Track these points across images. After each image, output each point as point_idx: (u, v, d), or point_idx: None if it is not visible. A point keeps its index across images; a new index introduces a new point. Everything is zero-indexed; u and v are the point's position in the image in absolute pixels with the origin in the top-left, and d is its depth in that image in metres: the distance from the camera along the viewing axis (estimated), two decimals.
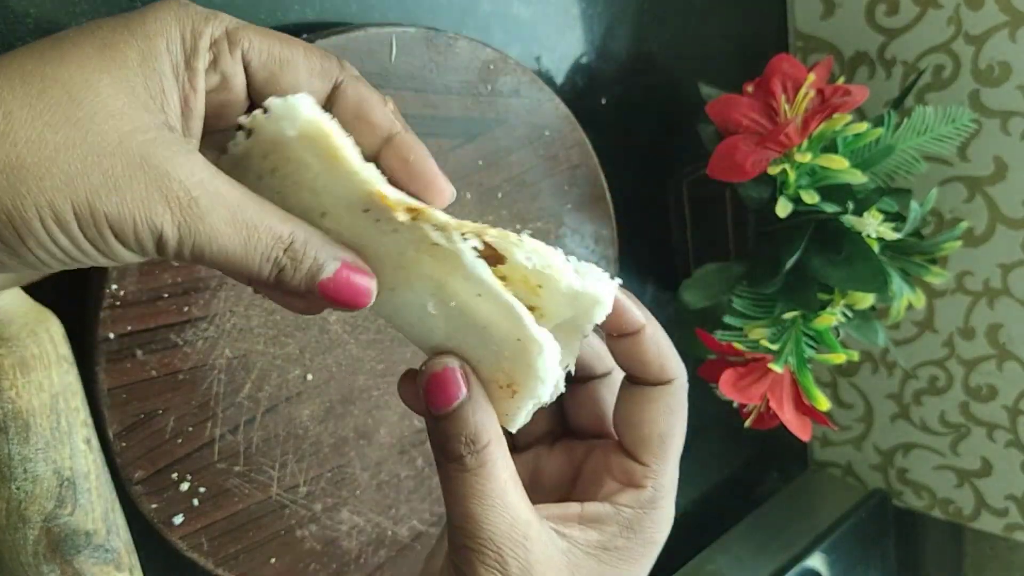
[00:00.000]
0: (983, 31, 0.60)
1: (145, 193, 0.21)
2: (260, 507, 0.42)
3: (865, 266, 0.51)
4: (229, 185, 0.22)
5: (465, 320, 0.24)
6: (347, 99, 0.26)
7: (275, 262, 0.23)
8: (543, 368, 0.24)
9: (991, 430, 0.70)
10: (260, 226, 0.22)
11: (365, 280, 0.24)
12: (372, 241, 0.25)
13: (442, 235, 0.24)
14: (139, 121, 0.21)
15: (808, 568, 0.70)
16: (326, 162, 0.24)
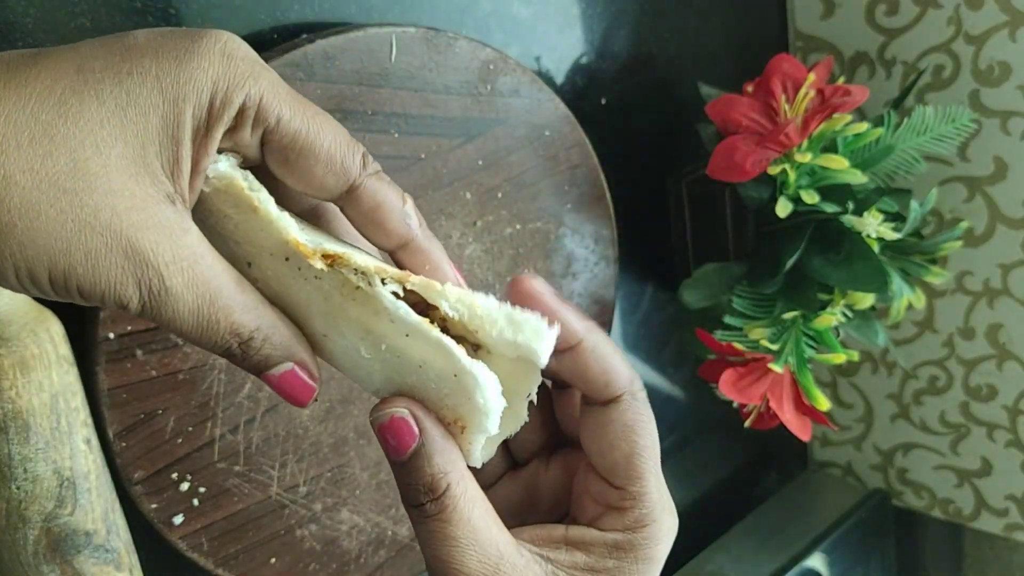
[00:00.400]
0: (983, 31, 0.60)
1: (120, 276, 0.21)
2: (260, 507, 0.42)
3: (865, 266, 0.51)
4: (211, 270, 0.23)
5: (400, 361, 0.24)
6: (362, 203, 0.25)
7: (227, 350, 0.24)
8: (483, 401, 0.24)
9: (991, 430, 0.70)
10: (223, 321, 0.23)
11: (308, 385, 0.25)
12: (297, 288, 0.25)
13: (362, 279, 0.24)
14: (138, 198, 0.21)
15: (808, 568, 0.70)
16: (243, 212, 0.24)
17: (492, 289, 0.50)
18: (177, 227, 0.22)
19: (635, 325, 0.64)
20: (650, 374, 0.67)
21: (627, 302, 0.63)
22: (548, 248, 0.52)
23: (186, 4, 0.38)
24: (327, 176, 0.24)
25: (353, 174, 0.25)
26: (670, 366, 0.68)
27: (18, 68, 0.21)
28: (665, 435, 0.70)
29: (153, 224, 0.21)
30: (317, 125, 0.24)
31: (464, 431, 0.25)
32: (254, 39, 0.40)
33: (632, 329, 0.64)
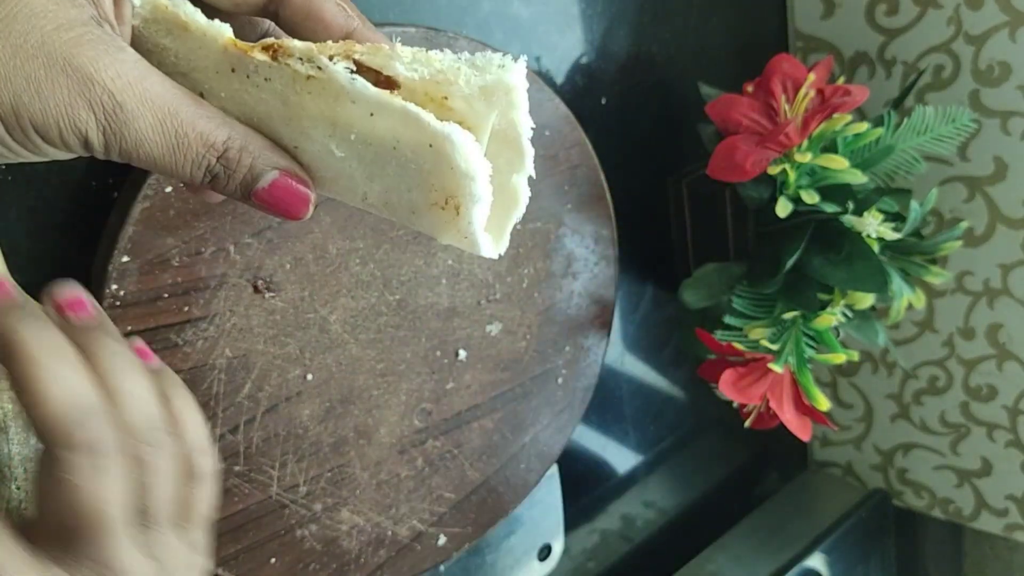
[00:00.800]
0: (983, 31, 0.60)
1: (68, 98, 0.20)
2: (260, 507, 0.42)
3: (865, 266, 0.51)
4: (162, 86, 0.21)
5: (373, 149, 0.23)
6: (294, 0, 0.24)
7: (207, 169, 0.22)
8: (464, 162, 0.22)
9: (991, 430, 0.70)
10: (191, 133, 0.22)
11: (302, 191, 0.23)
12: (254, 102, 0.23)
13: (310, 66, 0.22)
14: (64, 18, 0.21)
15: (808, 568, 0.70)
16: (177, 38, 0.23)
17: (492, 289, 0.50)
18: (111, 44, 0.21)
19: (635, 325, 0.64)
20: (650, 374, 0.67)
21: (627, 302, 0.63)
22: (548, 248, 0.52)
23: None
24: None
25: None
26: (670, 366, 0.68)
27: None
28: (665, 435, 0.70)
29: (85, 42, 0.21)
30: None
31: (459, 210, 0.23)
32: None
33: (632, 329, 0.64)
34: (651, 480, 0.70)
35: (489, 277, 0.49)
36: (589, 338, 0.56)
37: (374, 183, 0.23)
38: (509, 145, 0.24)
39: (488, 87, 0.22)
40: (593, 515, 0.66)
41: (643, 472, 0.69)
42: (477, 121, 0.23)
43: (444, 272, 0.47)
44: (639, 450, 0.68)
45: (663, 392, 0.69)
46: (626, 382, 0.65)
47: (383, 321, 0.45)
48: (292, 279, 0.42)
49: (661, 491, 0.71)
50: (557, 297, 0.53)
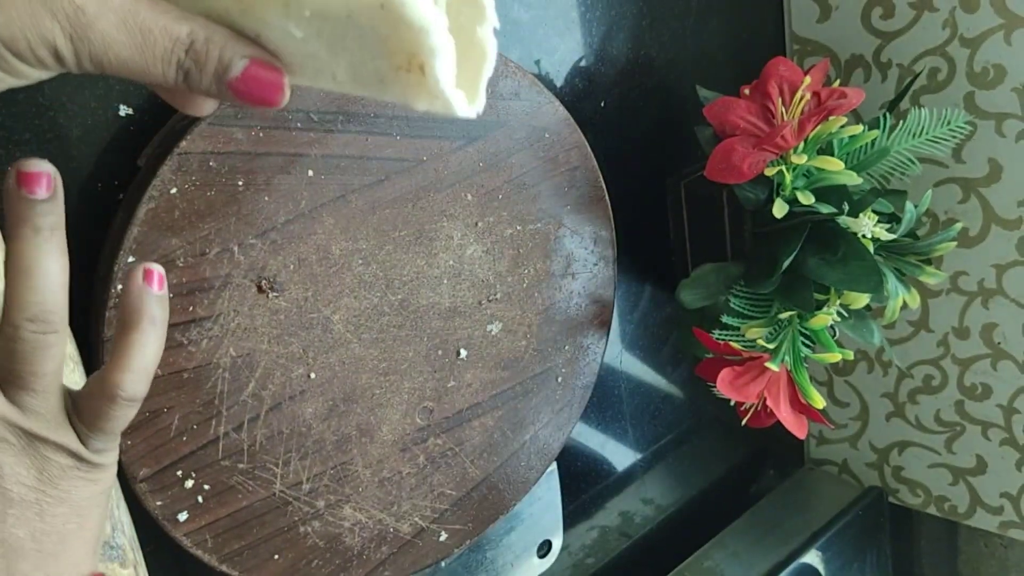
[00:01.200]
0: (978, 34, 0.60)
1: (29, 8, 0.20)
2: (263, 504, 0.43)
3: (860, 266, 0.52)
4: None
5: (331, 24, 0.22)
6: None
7: (178, 65, 0.22)
8: (415, 15, 0.21)
9: (986, 428, 0.71)
10: (155, 28, 0.22)
11: (275, 75, 0.23)
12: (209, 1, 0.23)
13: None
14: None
15: (804, 565, 0.71)
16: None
17: (493, 289, 0.50)
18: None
19: (634, 324, 0.65)
20: (649, 373, 0.67)
21: (626, 302, 0.64)
22: (548, 249, 0.53)
23: None
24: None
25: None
26: (668, 365, 0.69)
27: None
28: (663, 433, 0.70)
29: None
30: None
31: (424, 69, 0.22)
32: None
33: (631, 328, 0.65)
34: (649, 477, 0.70)
35: (490, 277, 0.50)
36: (588, 337, 0.56)
37: (339, 59, 0.23)
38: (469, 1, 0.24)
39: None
40: (592, 512, 0.66)
41: (641, 469, 0.69)
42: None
43: (445, 272, 0.48)
44: (638, 448, 0.68)
45: (661, 391, 0.69)
46: (625, 381, 0.65)
47: (385, 321, 0.46)
48: (296, 279, 0.42)
49: (659, 488, 0.72)
50: (557, 297, 0.54)
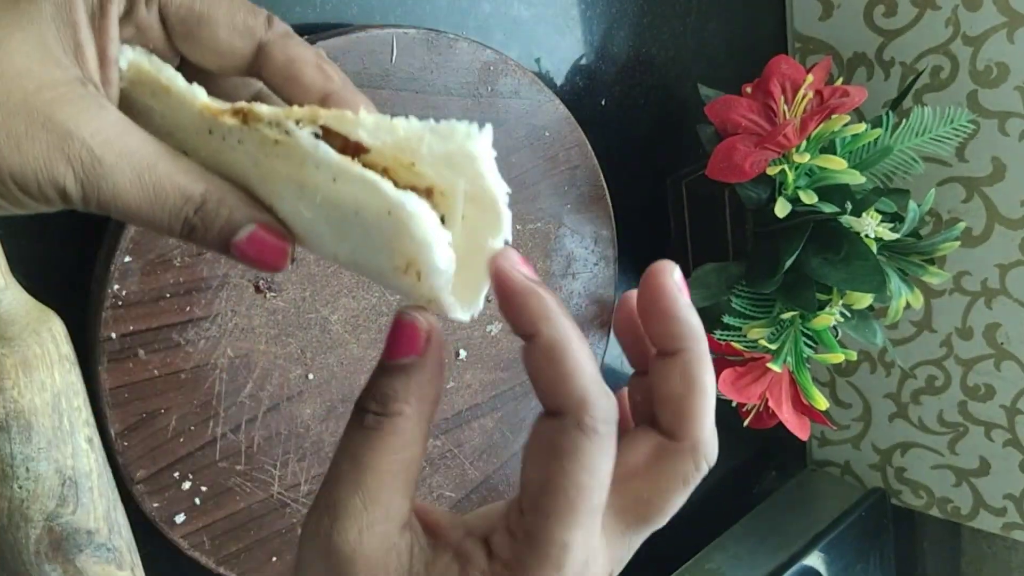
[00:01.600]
0: (981, 32, 0.60)
1: (47, 152, 0.21)
2: (261, 506, 0.43)
3: (863, 266, 0.51)
4: (142, 141, 0.22)
5: (338, 213, 0.23)
6: (274, 60, 0.25)
7: (185, 221, 0.23)
8: (420, 232, 0.22)
9: (989, 429, 0.70)
10: (168, 186, 0.22)
11: (280, 242, 0.23)
12: (230, 161, 0.24)
13: (277, 130, 0.23)
14: (47, 78, 0.21)
15: (807, 567, 0.70)
16: (161, 99, 0.24)
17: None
18: (94, 103, 0.22)
19: None
20: None
21: None
22: (548, 248, 0.52)
23: None
24: (233, 38, 0.24)
25: (259, 31, 0.24)
26: None
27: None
28: None
29: (67, 100, 0.21)
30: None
31: (420, 276, 0.23)
32: None
33: None
34: None
35: None
36: (589, 338, 0.56)
37: (342, 244, 0.24)
38: (486, 208, 0.24)
39: (451, 156, 0.22)
40: None
41: None
42: (447, 187, 0.23)
43: None
44: None
45: None
46: (626, 382, 0.65)
47: (384, 321, 0.46)
48: (293, 280, 0.42)
49: None
50: None
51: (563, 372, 0.21)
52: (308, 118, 0.23)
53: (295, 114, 0.23)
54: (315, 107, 0.23)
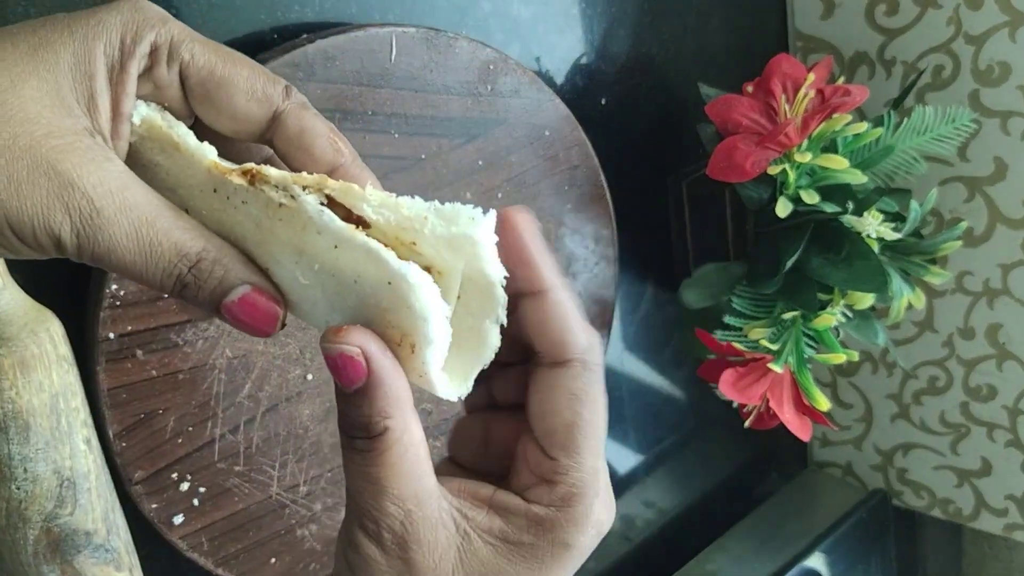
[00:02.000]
0: (983, 31, 0.60)
1: (46, 199, 0.21)
2: (260, 507, 0.42)
3: (865, 266, 0.51)
4: (144, 197, 0.22)
5: (336, 281, 0.23)
6: (287, 129, 0.25)
7: (178, 278, 0.23)
8: (419, 304, 0.22)
9: (991, 430, 0.70)
10: (165, 242, 0.22)
11: (271, 307, 0.24)
12: (231, 222, 0.24)
13: (283, 194, 0.23)
14: (55, 126, 0.22)
15: (808, 568, 0.70)
16: (169, 156, 0.24)
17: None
18: (100, 155, 0.22)
19: (635, 325, 0.64)
20: (650, 374, 0.67)
21: (627, 302, 0.63)
22: (548, 248, 0.52)
23: (186, 5, 0.38)
24: (250, 104, 0.24)
25: (276, 100, 0.25)
26: (670, 366, 0.68)
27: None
28: (665, 435, 0.70)
29: (73, 150, 0.21)
30: (234, 59, 0.25)
31: (414, 349, 0.23)
32: (254, 39, 0.40)
33: (632, 329, 0.64)
34: (651, 480, 0.70)
35: None
36: None
37: (335, 313, 0.24)
38: (483, 291, 0.24)
39: (454, 239, 0.22)
40: None
41: (643, 472, 0.69)
42: (445, 268, 0.23)
43: None
44: (639, 450, 0.68)
45: (663, 392, 0.69)
46: (626, 382, 0.65)
47: None
48: None
49: (661, 491, 0.71)
50: None
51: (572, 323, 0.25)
52: (315, 186, 0.23)
53: (303, 180, 0.23)
54: (323, 176, 0.23)
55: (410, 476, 0.23)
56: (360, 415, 0.23)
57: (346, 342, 0.22)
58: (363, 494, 0.23)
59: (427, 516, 0.24)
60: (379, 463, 0.23)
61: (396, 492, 0.23)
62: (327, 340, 0.23)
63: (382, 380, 0.23)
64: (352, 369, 0.22)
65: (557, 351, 0.25)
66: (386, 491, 0.23)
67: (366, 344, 0.23)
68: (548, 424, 0.25)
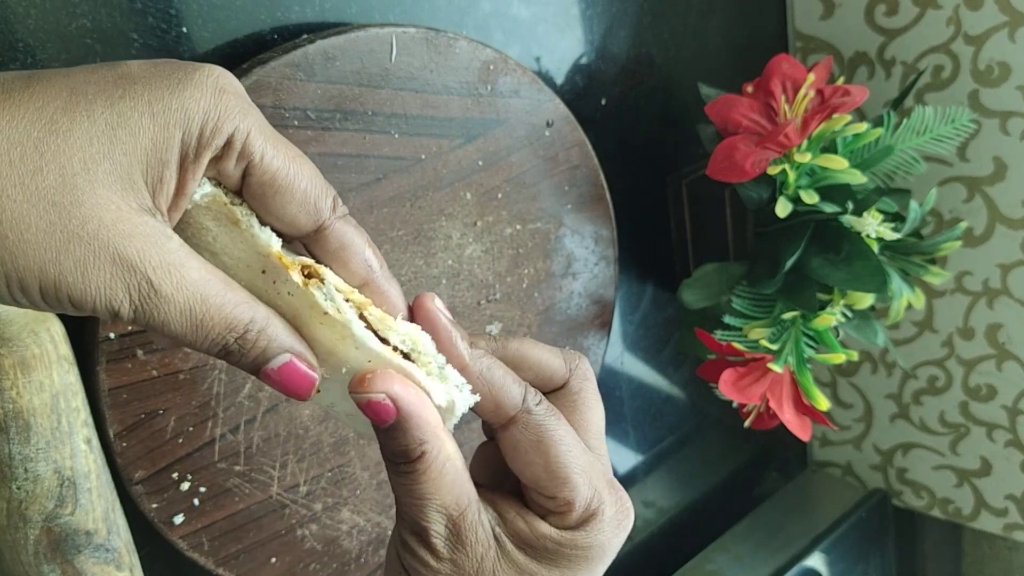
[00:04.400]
0: (982, 31, 0.60)
1: (109, 281, 0.22)
2: (260, 507, 0.42)
3: (864, 266, 0.51)
4: (198, 272, 0.23)
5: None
6: (328, 243, 0.26)
7: (223, 347, 0.24)
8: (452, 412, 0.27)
9: (990, 430, 0.70)
10: (216, 317, 0.24)
11: (308, 375, 0.26)
12: (268, 302, 0.26)
13: (332, 305, 0.25)
14: (123, 210, 0.22)
15: (808, 567, 0.70)
16: (222, 225, 0.25)
17: (492, 289, 0.50)
18: (160, 235, 0.23)
19: (635, 325, 0.64)
20: (650, 374, 0.67)
21: (627, 302, 0.63)
22: (548, 248, 0.52)
23: (187, 5, 0.38)
24: (300, 215, 0.26)
25: (324, 215, 0.26)
26: (670, 366, 0.68)
27: (13, 89, 0.22)
28: (665, 435, 0.70)
29: (138, 233, 0.22)
30: (297, 167, 0.25)
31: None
32: (254, 39, 0.41)
33: (632, 329, 0.64)
34: (651, 480, 0.70)
35: (489, 277, 0.50)
36: (589, 338, 0.56)
37: (346, 403, 0.27)
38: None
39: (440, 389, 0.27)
40: None
41: (643, 472, 0.69)
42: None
43: (444, 272, 0.47)
44: (639, 450, 0.68)
45: (663, 392, 0.69)
46: (626, 382, 0.65)
47: None
48: None
49: (661, 491, 0.71)
50: (557, 297, 0.53)
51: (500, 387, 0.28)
52: (358, 304, 0.26)
53: (350, 295, 0.26)
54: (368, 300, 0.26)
55: (451, 487, 0.27)
56: (398, 446, 0.26)
57: (372, 391, 0.25)
58: (411, 508, 0.27)
59: (468, 520, 0.27)
60: (422, 481, 0.26)
61: (440, 502, 0.26)
62: (355, 391, 0.26)
63: (411, 414, 0.26)
64: (383, 412, 0.25)
65: (500, 415, 0.28)
66: (431, 503, 0.26)
67: (390, 388, 0.26)
68: (531, 476, 0.28)
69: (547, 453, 0.27)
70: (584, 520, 0.28)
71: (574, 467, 0.28)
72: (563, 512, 0.28)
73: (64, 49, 0.35)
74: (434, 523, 0.27)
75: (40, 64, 0.35)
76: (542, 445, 0.27)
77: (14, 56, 0.34)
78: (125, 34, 0.37)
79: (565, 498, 0.27)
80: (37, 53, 0.35)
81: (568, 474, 0.27)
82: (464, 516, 0.27)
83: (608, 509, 0.28)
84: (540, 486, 0.28)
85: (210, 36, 0.39)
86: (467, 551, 0.27)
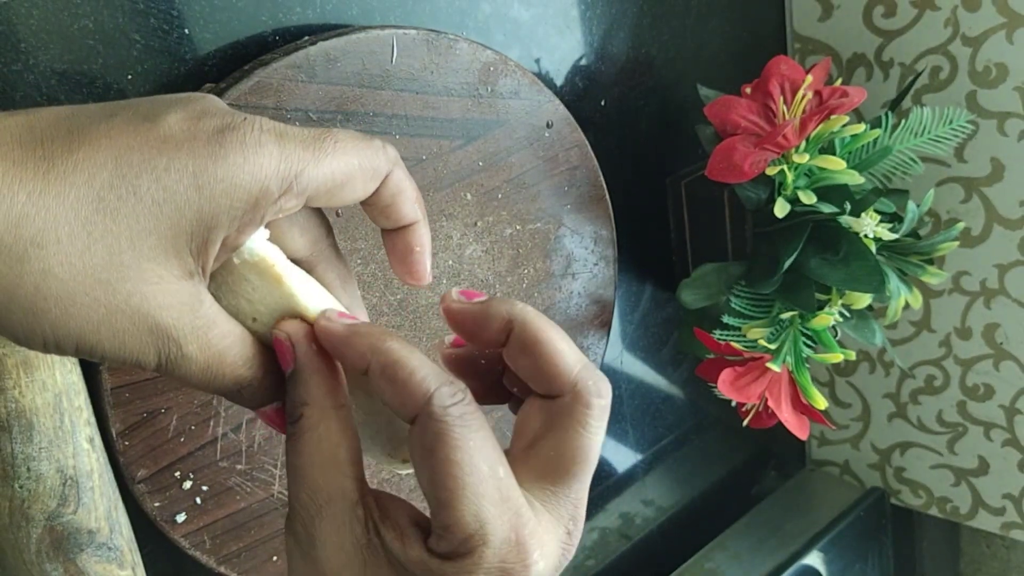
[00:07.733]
0: (980, 33, 0.60)
1: (143, 347, 0.23)
2: (262, 505, 0.43)
3: (862, 266, 0.52)
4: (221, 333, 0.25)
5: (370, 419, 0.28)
6: (387, 188, 0.27)
7: (229, 394, 0.26)
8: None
9: (988, 429, 0.71)
10: (229, 374, 0.25)
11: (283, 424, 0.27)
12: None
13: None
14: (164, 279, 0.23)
15: (806, 566, 0.71)
16: (265, 281, 0.26)
17: (492, 289, 0.50)
18: (195, 300, 0.24)
19: (634, 325, 0.65)
20: (649, 373, 0.67)
21: (626, 302, 0.63)
22: (548, 248, 0.52)
23: (189, 6, 0.38)
24: (368, 186, 0.27)
25: (384, 168, 0.27)
26: (669, 365, 0.68)
27: (55, 156, 0.22)
28: (664, 434, 0.70)
29: (176, 303, 0.23)
30: (341, 153, 0.25)
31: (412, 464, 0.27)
32: (256, 41, 0.41)
33: (631, 329, 0.64)
34: (650, 479, 0.70)
35: (489, 277, 0.50)
36: (588, 338, 0.56)
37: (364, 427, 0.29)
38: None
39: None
40: (592, 513, 0.66)
41: (642, 471, 0.69)
42: None
43: (444, 272, 0.48)
44: (638, 449, 0.68)
45: (662, 391, 0.69)
46: (625, 381, 0.65)
47: (384, 321, 0.46)
48: None
49: (660, 489, 0.71)
50: (557, 297, 0.53)
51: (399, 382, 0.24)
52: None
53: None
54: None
55: (323, 469, 0.24)
56: (289, 400, 0.26)
57: (281, 329, 0.26)
58: (289, 482, 0.25)
59: (335, 516, 0.24)
60: (296, 451, 0.25)
61: (310, 483, 0.24)
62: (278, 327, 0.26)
63: (303, 367, 0.25)
64: (283, 354, 0.26)
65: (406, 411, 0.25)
66: (302, 480, 0.25)
67: (295, 333, 0.26)
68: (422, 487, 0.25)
69: (434, 468, 0.23)
70: (457, 554, 0.23)
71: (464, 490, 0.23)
72: (440, 536, 0.24)
73: (66, 50, 0.35)
74: (301, 506, 0.24)
75: (40, 63, 0.35)
76: (433, 457, 0.23)
77: (16, 56, 0.34)
78: (127, 35, 0.37)
79: (443, 522, 0.23)
80: (39, 54, 0.35)
81: (451, 498, 0.23)
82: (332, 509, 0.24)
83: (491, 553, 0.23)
84: (426, 500, 0.24)
85: (212, 37, 0.39)
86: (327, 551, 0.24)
